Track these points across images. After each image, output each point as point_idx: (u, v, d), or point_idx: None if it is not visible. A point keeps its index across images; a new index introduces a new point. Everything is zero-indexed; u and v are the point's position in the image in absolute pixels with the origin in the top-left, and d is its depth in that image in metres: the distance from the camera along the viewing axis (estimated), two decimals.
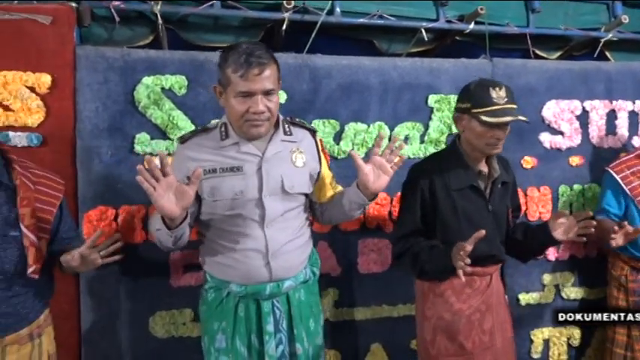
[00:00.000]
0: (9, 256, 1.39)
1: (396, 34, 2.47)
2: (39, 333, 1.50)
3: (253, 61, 1.44)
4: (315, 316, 1.69)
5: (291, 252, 1.60)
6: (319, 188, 1.68)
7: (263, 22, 2.28)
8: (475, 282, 1.74)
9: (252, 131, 1.52)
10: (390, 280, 2.19)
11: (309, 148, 1.66)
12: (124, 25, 2.15)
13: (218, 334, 1.60)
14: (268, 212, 1.55)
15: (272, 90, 1.50)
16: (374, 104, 2.16)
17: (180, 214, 1.43)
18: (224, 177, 1.54)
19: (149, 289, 1.96)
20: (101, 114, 1.92)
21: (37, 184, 1.48)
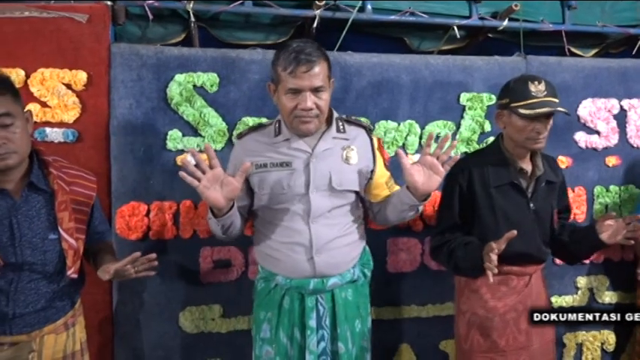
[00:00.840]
0: (49, 257, 1.43)
1: (427, 31, 2.44)
2: (73, 322, 1.53)
3: (302, 58, 1.47)
4: (362, 317, 1.67)
5: (337, 249, 1.59)
6: (374, 187, 1.66)
7: (294, 19, 2.28)
8: (512, 281, 1.71)
9: (301, 127, 1.54)
10: (420, 280, 2.17)
11: (363, 145, 1.65)
12: (157, 23, 2.17)
13: (264, 323, 1.64)
14: (314, 208, 1.56)
15: (321, 87, 1.51)
16: (404, 102, 2.14)
17: (227, 204, 1.47)
18: (273, 171, 1.58)
19: (179, 285, 1.99)
20: (134, 111, 1.95)
21: (71, 185, 1.48)
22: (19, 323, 1.41)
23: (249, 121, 2.01)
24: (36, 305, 1.43)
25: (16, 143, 1.36)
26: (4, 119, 1.33)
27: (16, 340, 1.42)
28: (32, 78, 1.88)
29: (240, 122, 2.01)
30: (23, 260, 1.40)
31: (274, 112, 2.02)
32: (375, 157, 1.66)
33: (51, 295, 1.45)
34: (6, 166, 1.36)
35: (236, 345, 2.04)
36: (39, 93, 1.89)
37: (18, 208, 1.41)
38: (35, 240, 1.41)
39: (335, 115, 1.65)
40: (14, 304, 1.40)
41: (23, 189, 1.42)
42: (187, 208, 1.97)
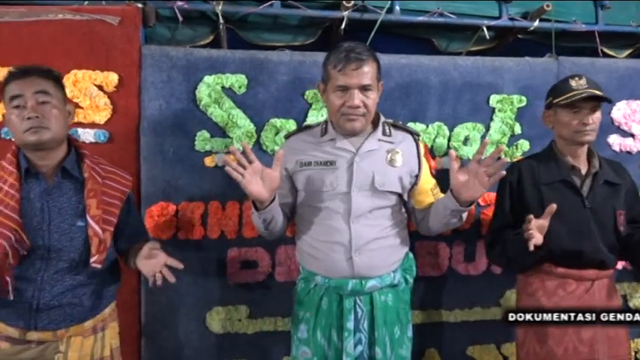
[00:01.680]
0: (75, 245, 1.43)
1: (455, 32, 2.42)
2: (103, 327, 1.52)
3: (352, 56, 1.51)
4: (402, 324, 1.64)
5: (376, 250, 1.58)
6: (418, 193, 1.66)
7: (322, 21, 2.28)
8: (569, 285, 1.67)
9: (347, 125, 1.56)
10: (447, 284, 2.14)
11: (409, 151, 1.65)
12: (186, 25, 2.20)
13: (301, 323, 1.65)
14: (354, 207, 1.56)
15: (369, 86, 1.53)
16: (433, 104, 2.12)
17: (269, 196, 1.50)
18: (317, 170, 1.60)
19: (206, 285, 1.99)
20: (164, 112, 1.96)
21: (105, 179, 1.51)
22: (44, 318, 1.41)
23: (276, 123, 2.01)
24: (61, 299, 1.42)
25: (50, 121, 1.39)
26: (40, 95, 1.40)
27: (43, 338, 1.42)
28: (65, 79, 1.90)
29: (268, 124, 2.02)
30: (50, 245, 1.41)
31: (302, 114, 2.05)
32: (421, 162, 1.65)
33: (76, 290, 1.44)
34: (39, 140, 1.39)
35: (262, 346, 2.04)
36: (72, 94, 1.91)
37: (50, 192, 1.44)
38: (63, 225, 1.43)
39: (382, 118, 1.66)
40: (39, 295, 1.40)
41: (56, 174, 1.45)
42: (215, 209, 1.98)
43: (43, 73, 1.43)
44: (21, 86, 1.39)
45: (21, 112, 1.38)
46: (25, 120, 1.37)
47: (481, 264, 2.14)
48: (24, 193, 1.42)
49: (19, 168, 1.43)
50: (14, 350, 1.42)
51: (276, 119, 2.02)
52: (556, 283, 1.66)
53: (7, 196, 1.40)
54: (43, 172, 1.45)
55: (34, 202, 1.42)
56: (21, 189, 1.42)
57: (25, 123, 1.37)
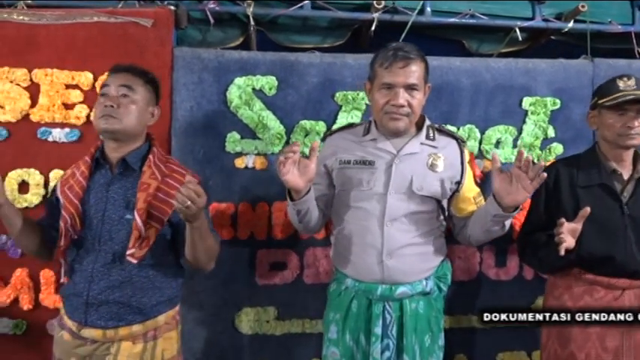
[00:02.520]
0: (120, 237, 1.43)
1: (486, 33, 2.38)
2: (154, 335, 1.48)
3: (400, 54, 1.50)
4: (433, 333, 1.61)
5: (409, 256, 1.56)
6: (460, 201, 1.62)
7: (351, 22, 2.27)
8: (597, 292, 1.61)
9: (391, 125, 1.54)
10: (477, 289, 2.11)
11: (452, 156, 1.61)
12: (217, 27, 2.21)
13: (332, 324, 1.64)
14: (389, 209, 1.54)
15: (415, 85, 1.51)
16: (464, 106, 2.09)
17: (305, 187, 1.49)
18: (356, 169, 1.59)
19: (235, 286, 2.00)
20: (195, 113, 1.98)
21: (166, 177, 1.49)
22: (93, 313, 1.43)
23: (306, 125, 2.01)
24: (108, 295, 1.43)
25: (124, 113, 1.44)
26: (123, 89, 1.47)
27: (94, 336, 1.44)
28: (100, 81, 1.94)
29: (297, 125, 2.02)
30: (101, 235, 1.44)
31: (332, 116, 2.04)
32: (464, 169, 1.61)
33: (123, 287, 1.44)
34: (107, 128, 1.44)
35: (290, 348, 2.04)
36: None
37: (111, 183, 1.48)
38: (114, 216, 1.45)
39: (427, 122, 1.63)
40: (89, 287, 1.43)
41: (119, 166, 1.48)
42: (245, 210, 1.99)
43: (135, 72, 1.51)
44: (116, 79, 1.48)
45: (104, 99, 1.45)
46: (103, 107, 1.44)
47: (512, 269, 2.11)
48: (91, 182, 1.49)
49: (93, 158, 1.50)
50: (74, 343, 1.47)
51: (306, 121, 2.02)
52: (583, 289, 1.62)
53: (76, 182, 1.48)
54: (110, 164, 1.50)
55: (97, 192, 1.47)
56: (90, 178, 1.48)
57: (102, 109, 1.44)
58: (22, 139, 1.92)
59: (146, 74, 1.54)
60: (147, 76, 1.54)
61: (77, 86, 1.95)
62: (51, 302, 1.93)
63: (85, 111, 1.94)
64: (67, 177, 1.54)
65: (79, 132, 1.94)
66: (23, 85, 1.93)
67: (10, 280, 1.92)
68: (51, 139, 1.93)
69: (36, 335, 1.94)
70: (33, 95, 1.93)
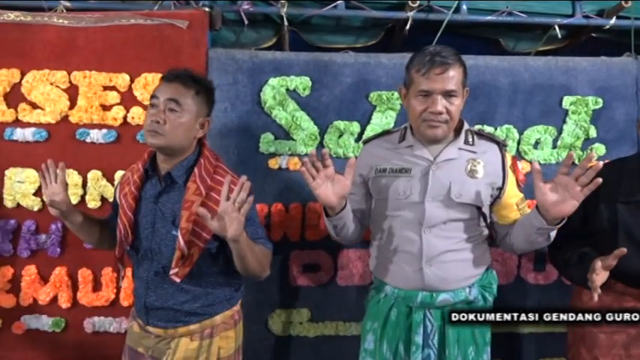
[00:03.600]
0: (167, 253, 1.43)
1: (523, 31, 2.33)
2: (211, 333, 1.49)
3: (437, 60, 1.43)
4: (477, 345, 1.55)
5: (449, 262, 1.52)
6: (502, 207, 1.55)
7: (385, 22, 2.25)
8: (626, 302, 1.55)
9: (429, 132, 1.49)
10: (515, 293, 2.05)
11: (493, 161, 1.54)
12: (250, 27, 2.21)
13: (369, 334, 1.60)
14: (427, 217, 1.50)
15: (453, 92, 1.45)
16: (502, 106, 2.04)
17: (339, 203, 1.46)
18: (392, 177, 1.55)
19: (269, 287, 2.00)
20: (229, 114, 1.99)
21: (212, 190, 1.44)
22: (153, 315, 1.47)
23: (340, 125, 2.00)
24: (163, 302, 1.45)
25: (169, 129, 1.41)
26: (170, 103, 1.42)
27: (156, 332, 1.48)
28: (136, 82, 1.96)
29: (331, 126, 2.00)
30: (152, 247, 1.46)
31: (366, 116, 2.02)
32: (506, 175, 1.54)
33: (176, 295, 1.45)
34: (152, 143, 1.43)
35: (322, 350, 2.03)
36: (142, 97, 1.97)
37: (159, 196, 1.47)
38: (162, 231, 1.45)
39: (465, 126, 1.57)
40: (146, 294, 1.47)
41: (165, 178, 1.47)
42: (278, 211, 1.98)
43: (186, 82, 1.45)
44: (162, 89, 1.45)
45: (152, 113, 1.43)
46: (150, 121, 1.42)
47: (552, 273, 2.05)
48: (143, 192, 1.49)
49: (145, 167, 1.50)
50: (141, 335, 1.53)
51: (340, 121, 2.00)
52: (611, 299, 1.54)
53: (129, 192, 1.49)
54: (159, 175, 1.49)
55: (147, 203, 1.48)
56: (142, 188, 1.49)
57: (149, 124, 1.42)
58: (62, 140, 1.96)
59: (199, 83, 1.49)
60: (199, 84, 1.48)
61: (114, 88, 1.97)
62: (88, 301, 1.96)
63: (121, 112, 1.96)
64: (124, 182, 1.55)
65: (115, 133, 1.97)
66: (62, 87, 1.96)
67: (49, 279, 1.96)
68: (89, 140, 1.96)
69: (74, 333, 1.97)
70: (72, 97, 1.96)
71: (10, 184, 1.94)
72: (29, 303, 1.95)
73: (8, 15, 1.96)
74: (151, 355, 1.51)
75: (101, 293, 1.96)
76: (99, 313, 1.97)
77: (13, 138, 1.94)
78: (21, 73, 1.95)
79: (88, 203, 1.95)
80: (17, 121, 1.95)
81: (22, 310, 1.96)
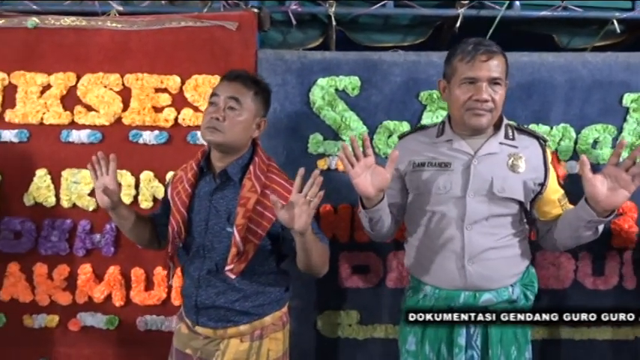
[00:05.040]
0: (222, 248, 1.44)
1: (578, 27, 2.24)
2: (261, 335, 1.49)
3: (481, 48, 1.44)
4: (519, 344, 1.52)
5: (493, 260, 1.49)
6: (544, 203, 1.52)
7: (433, 19, 2.21)
8: None
9: (473, 121, 1.46)
10: (573, 298, 1.98)
11: (534, 157, 1.52)
12: (297, 28, 2.20)
13: (409, 335, 1.58)
14: (469, 213, 1.47)
15: (498, 79, 1.45)
16: (558, 104, 1.97)
17: (376, 195, 1.43)
18: (431, 171, 1.53)
19: (318, 288, 1.99)
20: (278, 115, 1.98)
21: (266, 188, 1.45)
22: (203, 315, 1.48)
23: (390, 125, 1.97)
24: (214, 300, 1.46)
25: (228, 126, 1.43)
26: (230, 101, 1.45)
27: (206, 333, 1.49)
28: (187, 84, 1.98)
29: (381, 126, 1.98)
30: (205, 244, 1.47)
31: (417, 116, 1.99)
32: (548, 170, 1.51)
33: (227, 294, 1.46)
34: (211, 140, 1.45)
35: (372, 353, 2.01)
36: (192, 98, 1.99)
37: (213, 193, 1.49)
38: (216, 227, 1.46)
39: (505, 121, 1.55)
40: (197, 293, 1.48)
41: (220, 175, 1.49)
42: (327, 212, 1.97)
43: (246, 82, 1.48)
44: (223, 87, 1.47)
45: (212, 110, 1.45)
46: (209, 117, 1.44)
47: (612, 278, 1.97)
48: (197, 190, 1.51)
49: (199, 165, 1.52)
50: (189, 336, 1.53)
51: (390, 121, 1.97)
52: None
53: (183, 189, 1.51)
54: (213, 173, 1.51)
55: (201, 200, 1.50)
56: (196, 185, 1.51)
57: (208, 120, 1.44)
58: (115, 141, 2.00)
59: (258, 84, 1.51)
60: (258, 85, 1.51)
61: (166, 90, 2.00)
62: (141, 299, 1.99)
63: (172, 114, 1.99)
64: (177, 180, 1.57)
65: (167, 134, 1.99)
66: (116, 90, 2.00)
67: (104, 277, 2.00)
68: (141, 142, 1.99)
69: (127, 331, 2.01)
70: (125, 99, 2.00)
71: (66, 184, 1.99)
72: (84, 301, 2.00)
73: (65, 20, 2.01)
74: (199, 356, 1.52)
75: (153, 292, 1.99)
76: (151, 311, 2.00)
77: (69, 140, 1.99)
78: (77, 76, 2.00)
79: (140, 204, 1.99)
80: (73, 123, 2.00)
81: (78, 307, 2.01)
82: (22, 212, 2.00)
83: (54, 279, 2.00)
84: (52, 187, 1.99)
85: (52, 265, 2.00)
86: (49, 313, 2.01)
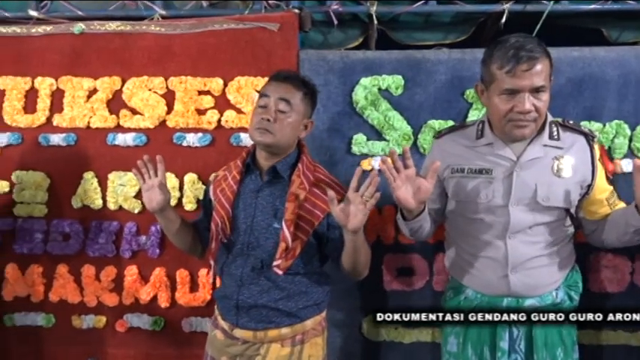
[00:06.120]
0: (268, 245, 1.45)
1: (630, 20, 2.16)
2: (302, 339, 1.48)
3: (523, 55, 1.32)
4: (565, 346, 1.48)
5: (536, 269, 1.45)
6: (591, 203, 1.47)
7: (477, 16, 2.16)
8: None
9: (515, 132, 1.40)
10: (629, 302, 1.89)
11: (581, 155, 1.45)
12: (338, 28, 2.18)
13: (451, 336, 1.55)
14: (513, 222, 1.43)
15: (542, 87, 1.35)
16: (611, 100, 1.90)
17: (417, 207, 1.40)
18: (471, 178, 1.48)
19: (363, 291, 1.96)
20: (321, 115, 1.97)
21: (314, 186, 1.47)
22: (244, 316, 1.47)
23: (435, 124, 1.93)
24: (257, 299, 1.45)
25: (278, 128, 1.44)
26: (281, 102, 1.45)
27: (245, 337, 1.48)
28: (229, 86, 1.99)
29: (425, 125, 1.94)
30: (249, 241, 1.47)
31: (462, 115, 1.94)
32: (595, 169, 1.44)
33: (271, 292, 1.46)
34: (261, 141, 1.45)
35: (417, 357, 1.97)
36: (235, 100, 1.99)
37: (260, 190, 1.49)
38: (262, 224, 1.46)
39: (549, 118, 1.47)
40: (239, 292, 1.47)
41: (268, 173, 1.49)
42: (372, 213, 1.90)
43: (295, 83, 1.49)
44: (273, 88, 1.48)
45: (262, 111, 1.45)
46: (260, 119, 1.44)
47: None
48: (242, 187, 1.51)
49: (244, 163, 1.53)
50: (226, 342, 1.52)
51: (434, 120, 1.94)
52: None
53: (228, 186, 1.52)
54: (260, 170, 1.51)
55: (246, 197, 1.50)
56: (241, 182, 1.51)
57: (258, 121, 1.44)
58: (159, 144, 2.01)
59: (306, 85, 1.52)
60: (307, 87, 1.52)
61: (209, 92, 2.01)
62: (186, 301, 2.00)
63: (215, 116, 2.00)
64: (220, 179, 1.58)
65: (210, 136, 2.00)
66: (160, 93, 2.02)
67: (149, 279, 2.02)
68: (185, 144, 2.01)
69: (172, 332, 2.02)
70: (169, 102, 2.02)
71: (112, 187, 2.02)
72: (131, 302, 2.02)
73: (110, 25, 2.04)
74: None
75: (198, 294, 2.00)
76: (195, 313, 2.01)
77: (115, 143, 2.02)
78: (122, 80, 2.03)
79: (185, 206, 2.00)
80: (119, 126, 2.03)
81: (125, 308, 2.03)
82: (70, 214, 2.04)
83: (101, 280, 2.03)
84: (98, 189, 2.02)
85: (100, 267, 2.03)
86: (97, 314, 2.05)
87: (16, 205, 2.05)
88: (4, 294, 2.06)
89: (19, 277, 2.05)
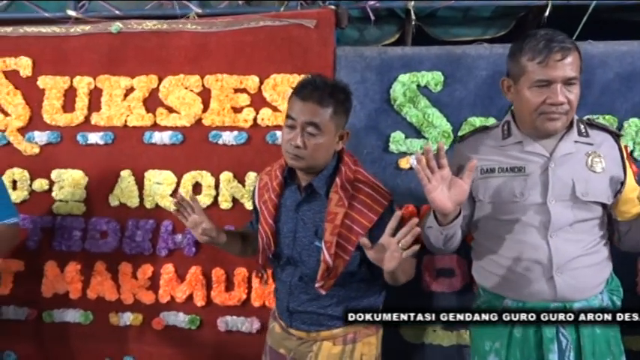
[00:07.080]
0: (310, 263, 1.43)
1: None
2: (354, 339, 1.47)
3: (555, 46, 1.30)
4: (614, 356, 1.41)
5: (581, 269, 1.38)
6: (622, 203, 1.41)
7: (518, 10, 2.10)
8: None
9: (547, 125, 1.35)
10: None
11: (611, 153, 1.42)
12: (374, 24, 2.15)
13: (490, 355, 1.47)
14: (554, 220, 1.37)
15: (574, 79, 1.32)
16: None
17: (454, 210, 1.34)
18: (503, 177, 1.42)
19: (402, 292, 1.89)
20: (358, 113, 1.93)
21: (354, 200, 1.40)
22: (296, 318, 1.49)
23: (475, 122, 1.88)
24: (307, 306, 1.46)
25: (309, 151, 1.37)
26: (310, 127, 1.36)
27: (298, 334, 1.50)
28: (265, 84, 1.98)
29: (465, 123, 1.89)
30: (293, 255, 1.46)
31: (504, 111, 1.86)
32: (626, 166, 1.41)
33: (321, 300, 1.45)
34: (294, 166, 1.43)
35: None
36: (271, 98, 1.97)
37: (300, 204, 1.47)
38: (304, 240, 1.45)
39: (575, 117, 1.42)
40: (289, 299, 1.48)
41: (306, 189, 1.45)
42: (410, 213, 1.90)
43: (323, 101, 1.36)
44: (299, 109, 1.37)
45: (290, 132, 1.38)
46: (289, 144, 1.38)
47: None
48: (282, 200, 1.49)
49: (283, 174, 1.49)
50: (283, 336, 1.54)
51: (475, 118, 1.89)
52: None
53: (269, 199, 1.49)
54: (299, 185, 1.48)
55: (288, 211, 1.48)
56: (281, 195, 1.48)
57: (288, 146, 1.38)
58: (196, 142, 2.02)
59: (335, 95, 1.38)
60: (336, 98, 1.39)
61: (245, 90, 2.00)
62: (221, 300, 1.99)
63: (252, 114, 1.98)
64: (262, 187, 1.55)
65: (246, 135, 1.99)
66: (196, 91, 2.02)
67: (185, 277, 2.02)
68: (221, 142, 2.00)
69: (208, 331, 2.02)
70: (205, 100, 2.01)
71: (149, 185, 2.03)
72: (167, 300, 2.02)
73: (146, 24, 2.05)
74: (293, 356, 1.52)
75: (233, 293, 1.99)
76: (231, 312, 2.00)
77: (151, 141, 2.03)
78: (158, 78, 2.03)
79: (220, 204, 1.99)
80: (155, 125, 2.04)
81: (161, 307, 2.03)
82: (107, 212, 2.06)
83: (138, 278, 2.04)
84: (135, 188, 2.03)
85: (136, 265, 2.04)
86: (134, 311, 2.05)
87: (55, 203, 2.07)
88: (43, 291, 2.09)
89: (57, 274, 2.07)
